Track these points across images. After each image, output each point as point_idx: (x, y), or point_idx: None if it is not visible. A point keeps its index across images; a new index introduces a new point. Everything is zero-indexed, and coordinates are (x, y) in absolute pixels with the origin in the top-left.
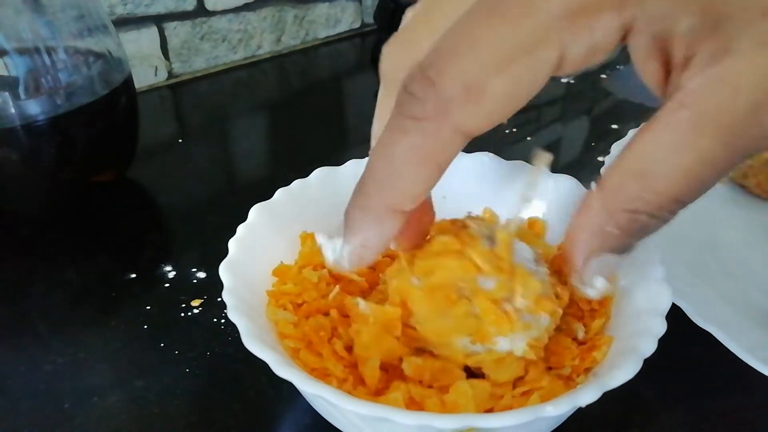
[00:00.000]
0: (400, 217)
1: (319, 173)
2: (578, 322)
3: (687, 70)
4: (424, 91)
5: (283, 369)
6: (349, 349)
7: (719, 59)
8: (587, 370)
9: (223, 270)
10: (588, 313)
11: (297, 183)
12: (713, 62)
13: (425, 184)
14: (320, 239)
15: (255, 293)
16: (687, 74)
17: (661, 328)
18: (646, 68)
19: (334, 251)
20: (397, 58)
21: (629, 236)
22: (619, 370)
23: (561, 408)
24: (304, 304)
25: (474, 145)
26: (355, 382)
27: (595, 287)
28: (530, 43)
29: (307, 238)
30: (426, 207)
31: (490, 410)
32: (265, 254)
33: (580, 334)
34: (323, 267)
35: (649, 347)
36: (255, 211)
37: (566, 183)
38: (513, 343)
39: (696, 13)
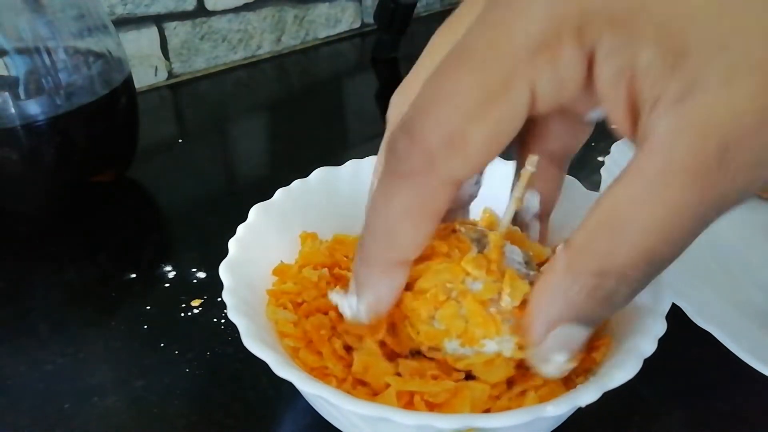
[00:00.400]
0: (407, 266)
1: (319, 173)
2: None
3: (654, 111)
4: (408, 148)
5: (282, 369)
6: (349, 348)
7: (684, 99)
8: (586, 371)
9: (223, 270)
10: None
11: (297, 183)
12: (679, 104)
13: (423, 235)
14: (335, 298)
15: (255, 293)
16: (654, 115)
17: (661, 328)
18: (611, 104)
19: (351, 307)
20: (400, 107)
21: (595, 303)
22: (619, 369)
23: (561, 408)
24: (304, 303)
25: None
26: (354, 382)
27: (554, 362)
28: (501, 86)
29: (307, 238)
30: None
31: (487, 411)
32: (266, 254)
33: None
34: (323, 266)
35: (649, 347)
36: (255, 211)
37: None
38: (501, 344)
39: (652, 45)
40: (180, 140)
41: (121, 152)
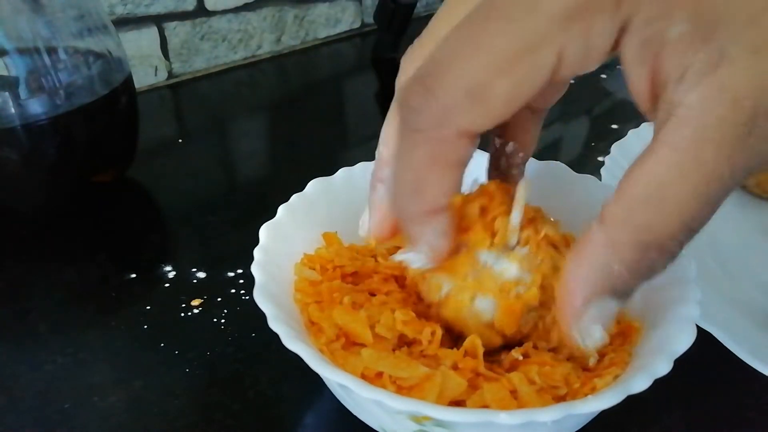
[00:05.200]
0: (444, 211)
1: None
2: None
3: (682, 83)
4: (424, 101)
5: (275, 323)
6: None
7: (714, 70)
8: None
9: (263, 231)
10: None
11: (342, 171)
12: (708, 74)
13: (451, 182)
14: (399, 258)
15: (283, 284)
16: (683, 87)
17: (666, 367)
18: (635, 77)
19: (416, 261)
20: (411, 71)
21: (635, 276)
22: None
23: (515, 418)
24: (336, 269)
25: None
26: (346, 344)
27: (592, 337)
28: (532, 44)
29: (332, 239)
30: None
31: (462, 402)
32: (294, 249)
33: (592, 362)
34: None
35: (664, 367)
36: (283, 210)
37: (555, 167)
38: (509, 270)
39: (687, 17)
40: (180, 140)
41: (121, 152)
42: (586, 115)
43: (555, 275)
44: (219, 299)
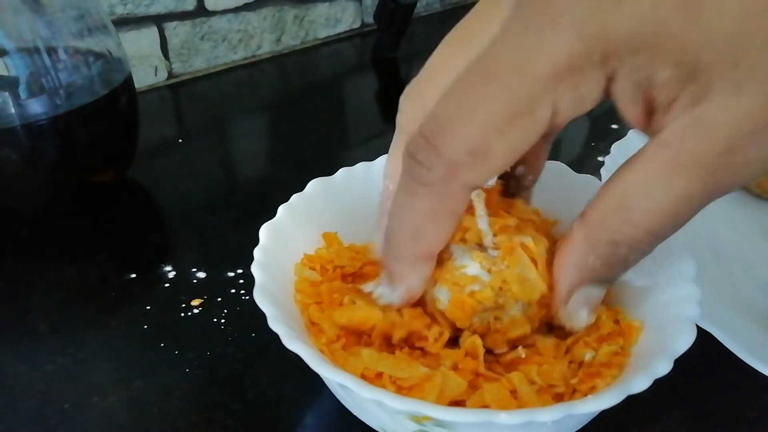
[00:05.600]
0: (433, 258)
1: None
2: (589, 349)
3: (669, 112)
4: (431, 159)
5: (275, 323)
6: None
7: (698, 103)
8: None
9: (263, 231)
10: (606, 336)
11: (342, 172)
12: (692, 106)
13: (447, 232)
14: (368, 289)
15: (283, 284)
16: (669, 116)
17: (666, 367)
18: (629, 111)
19: (384, 296)
20: (411, 112)
21: (610, 268)
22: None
23: (515, 418)
24: (336, 269)
25: None
26: (346, 345)
27: (579, 318)
28: (526, 105)
29: (333, 240)
30: None
31: (462, 403)
32: (295, 249)
33: (588, 356)
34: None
35: (664, 367)
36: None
37: (555, 167)
38: (469, 268)
39: (672, 64)
40: (180, 140)
41: (121, 152)
42: (586, 115)
43: (521, 284)
44: (219, 299)
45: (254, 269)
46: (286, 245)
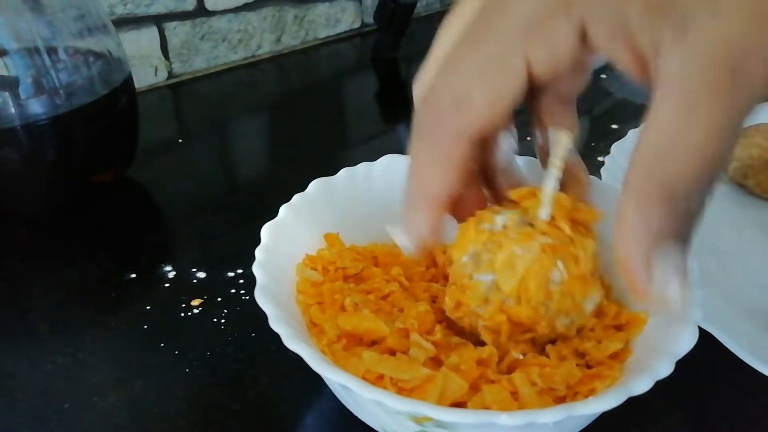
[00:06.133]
0: (439, 205)
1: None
2: (595, 342)
3: (659, 56)
4: (424, 114)
5: (276, 323)
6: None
7: (682, 38)
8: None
9: (264, 231)
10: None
11: (344, 172)
12: (677, 42)
13: (447, 178)
14: (391, 230)
15: (285, 284)
16: (661, 60)
17: (667, 368)
18: (617, 60)
19: (402, 239)
20: (419, 91)
21: (677, 221)
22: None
23: (516, 419)
24: (338, 270)
25: None
26: (347, 346)
27: (672, 292)
28: (498, 56)
29: (334, 240)
30: (478, 192)
31: (462, 404)
32: (301, 245)
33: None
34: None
35: (665, 369)
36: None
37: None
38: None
39: (640, 3)
40: (180, 140)
41: (121, 152)
42: (586, 115)
43: (535, 277)
44: (219, 299)
45: (256, 269)
46: (288, 245)
